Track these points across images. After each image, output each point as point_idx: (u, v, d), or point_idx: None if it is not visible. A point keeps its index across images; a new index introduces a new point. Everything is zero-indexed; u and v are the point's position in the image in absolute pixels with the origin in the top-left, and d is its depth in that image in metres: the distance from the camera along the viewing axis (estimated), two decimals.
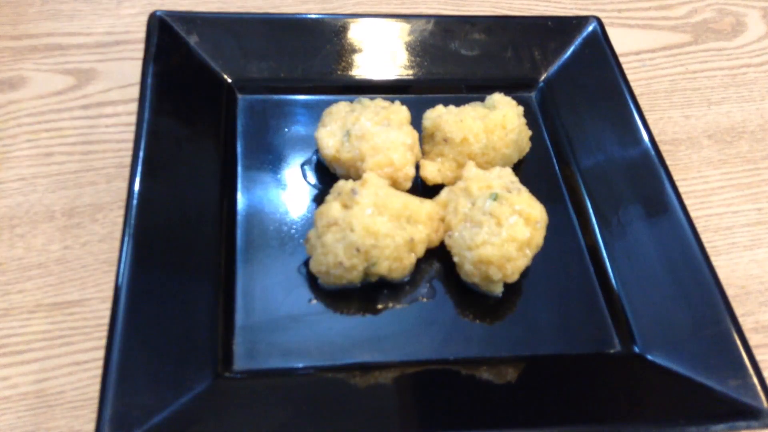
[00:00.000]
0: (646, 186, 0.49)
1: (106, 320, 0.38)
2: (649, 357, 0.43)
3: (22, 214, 0.47)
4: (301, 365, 0.41)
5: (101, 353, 0.37)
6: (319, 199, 0.48)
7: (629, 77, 0.55)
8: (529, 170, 0.52)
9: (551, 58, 0.57)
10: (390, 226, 0.42)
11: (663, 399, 0.40)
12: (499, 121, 0.49)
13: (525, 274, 0.45)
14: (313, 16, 0.57)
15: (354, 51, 0.56)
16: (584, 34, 0.57)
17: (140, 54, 0.50)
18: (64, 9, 0.61)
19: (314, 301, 0.44)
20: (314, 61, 0.55)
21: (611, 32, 0.58)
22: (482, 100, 0.51)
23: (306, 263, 0.45)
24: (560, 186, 0.52)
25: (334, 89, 0.54)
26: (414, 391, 0.40)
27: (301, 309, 0.43)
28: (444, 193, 0.47)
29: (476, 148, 0.48)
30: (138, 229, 0.41)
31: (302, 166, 0.51)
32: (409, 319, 0.44)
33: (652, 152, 0.50)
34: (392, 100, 0.50)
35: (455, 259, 0.44)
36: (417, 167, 0.49)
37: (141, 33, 0.51)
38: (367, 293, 0.44)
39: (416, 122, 0.51)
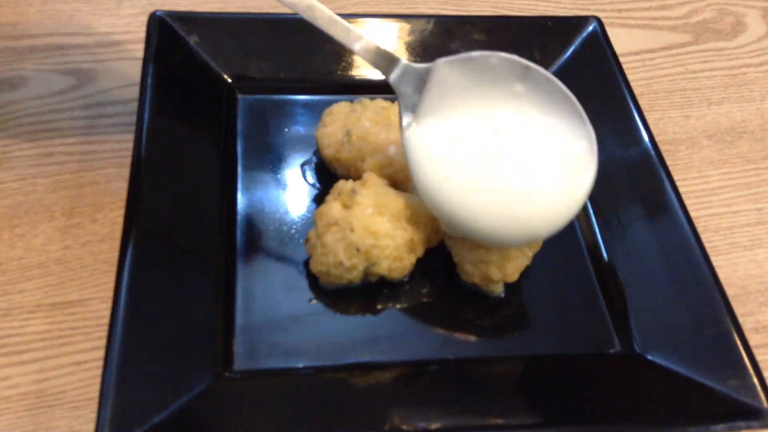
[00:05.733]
0: (646, 186, 0.49)
1: (106, 320, 0.38)
2: (649, 357, 0.43)
3: (22, 214, 0.47)
4: (301, 365, 0.41)
5: (101, 353, 0.37)
6: (319, 199, 0.48)
7: (629, 77, 0.55)
8: None
9: (551, 58, 0.57)
10: (390, 226, 0.43)
11: (663, 399, 0.40)
12: None
13: (525, 274, 0.45)
14: None
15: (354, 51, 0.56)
16: (584, 34, 0.57)
17: (140, 54, 0.50)
18: (64, 9, 0.61)
19: (314, 301, 0.44)
20: (314, 61, 0.55)
21: (611, 32, 0.58)
22: None
23: (306, 263, 0.45)
24: None
25: (334, 89, 0.54)
26: (414, 391, 0.40)
27: (301, 309, 0.43)
28: None
29: None
30: (138, 229, 0.41)
31: (302, 166, 0.51)
32: (409, 319, 0.44)
33: (652, 152, 0.49)
34: (392, 100, 0.50)
35: (455, 259, 0.44)
36: None
37: (141, 33, 0.51)
38: (367, 293, 0.44)
39: None
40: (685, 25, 0.69)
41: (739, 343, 0.41)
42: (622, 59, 0.56)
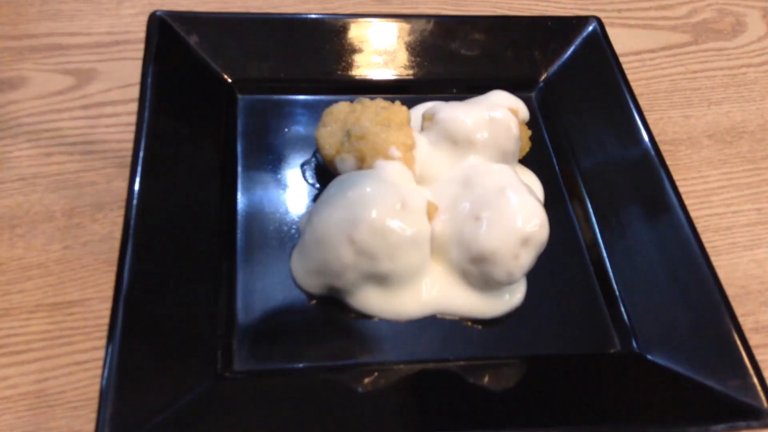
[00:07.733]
0: (646, 186, 0.49)
1: (106, 320, 0.38)
2: (649, 357, 0.43)
3: (22, 214, 0.47)
4: (301, 365, 0.41)
5: (101, 353, 0.37)
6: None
7: (629, 77, 0.55)
8: None
9: (551, 58, 0.57)
10: None
11: (663, 399, 0.40)
12: None
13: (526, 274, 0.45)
14: (313, 16, 0.57)
15: (354, 51, 0.56)
16: (584, 34, 0.57)
17: (140, 54, 0.50)
18: (64, 9, 0.61)
19: (314, 301, 0.44)
20: (314, 61, 0.55)
21: (611, 32, 0.58)
22: None
23: None
24: (560, 186, 0.52)
25: (334, 89, 0.54)
26: (414, 391, 0.40)
27: (301, 309, 0.43)
28: None
29: None
30: (138, 229, 0.41)
31: (302, 166, 0.51)
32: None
33: (652, 152, 0.49)
34: (392, 100, 0.50)
35: None
36: None
37: (141, 33, 0.51)
38: None
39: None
40: (685, 25, 0.69)
41: (739, 343, 0.41)
42: (622, 59, 0.56)
